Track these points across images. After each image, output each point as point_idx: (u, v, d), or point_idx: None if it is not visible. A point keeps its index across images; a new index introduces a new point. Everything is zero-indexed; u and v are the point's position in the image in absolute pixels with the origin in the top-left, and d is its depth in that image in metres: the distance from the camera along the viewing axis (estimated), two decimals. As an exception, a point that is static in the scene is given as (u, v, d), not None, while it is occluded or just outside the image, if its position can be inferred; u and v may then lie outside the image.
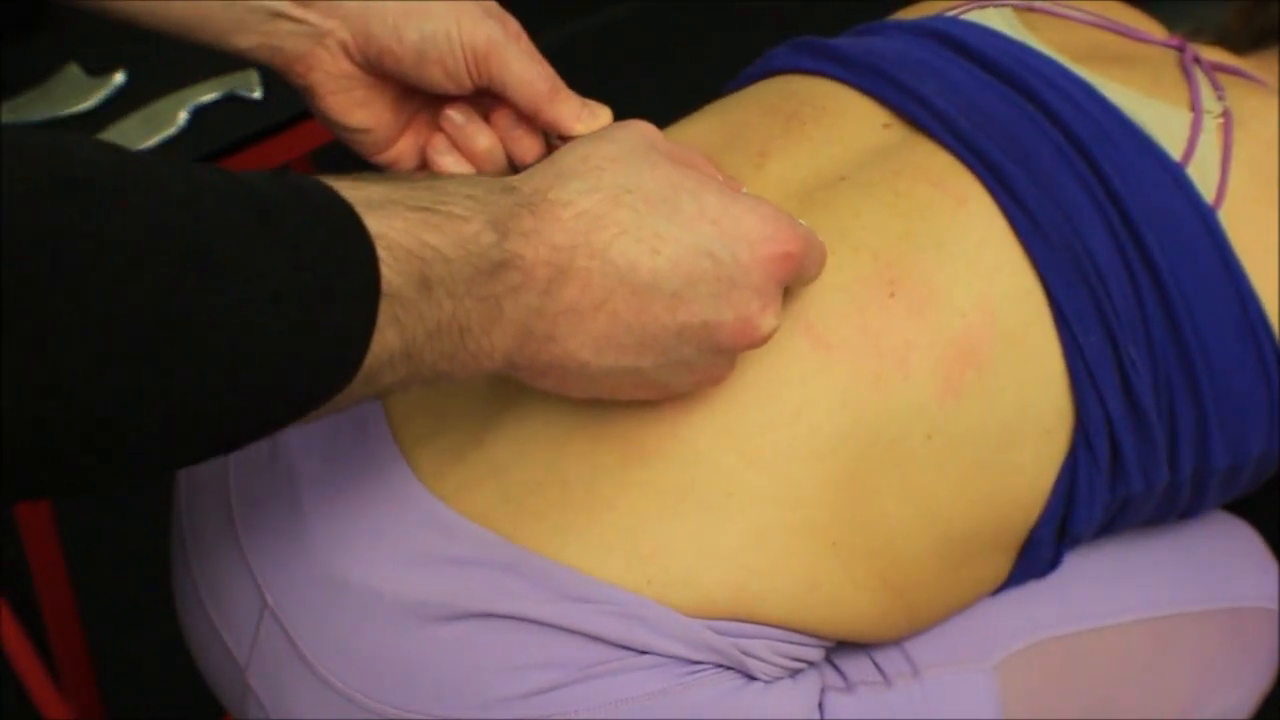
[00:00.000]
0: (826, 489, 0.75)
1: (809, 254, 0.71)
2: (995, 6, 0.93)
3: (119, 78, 1.22)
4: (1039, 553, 0.84)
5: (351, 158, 0.77)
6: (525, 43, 0.76)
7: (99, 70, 1.22)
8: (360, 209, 0.58)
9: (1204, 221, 0.83)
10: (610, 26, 2.19)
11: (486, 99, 0.76)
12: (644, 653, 0.73)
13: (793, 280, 0.71)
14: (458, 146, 0.77)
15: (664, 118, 0.92)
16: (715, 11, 2.13)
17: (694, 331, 0.68)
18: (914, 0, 1.01)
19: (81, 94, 1.22)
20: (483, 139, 0.76)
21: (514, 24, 0.76)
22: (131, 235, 0.50)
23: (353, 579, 0.76)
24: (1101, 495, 0.83)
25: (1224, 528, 0.97)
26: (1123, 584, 0.90)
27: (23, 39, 1.27)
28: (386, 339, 0.58)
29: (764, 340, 0.69)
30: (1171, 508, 0.89)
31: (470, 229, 0.61)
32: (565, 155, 0.68)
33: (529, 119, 0.75)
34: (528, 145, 0.76)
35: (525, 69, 0.74)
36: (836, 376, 0.76)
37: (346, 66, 0.75)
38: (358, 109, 0.76)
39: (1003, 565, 0.84)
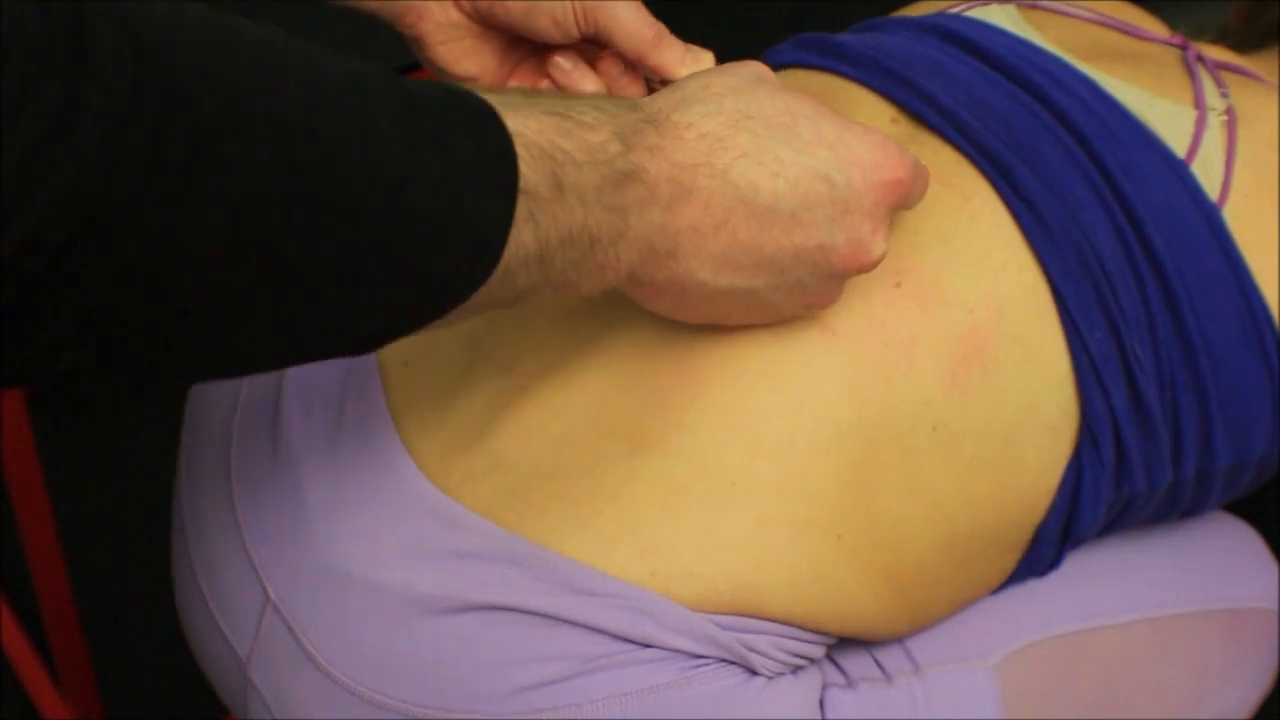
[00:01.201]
0: (831, 481, 0.75)
1: (916, 180, 0.73)
2: (999, 4, 0.93)
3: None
4: (1042, 552, 0.84)
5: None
6: None
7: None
8: (499, 108, 0.60)
9: (1208, 219, 0.83)
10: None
11: (592, 47, 0.78)
12: (647, 646, 0.73)
13: (900, 206, 0.73)
14: (564, 91, 0.78)
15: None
16: (716, 11, 2.12)
17: (810, 254, 0.69)
18: (917, -3, 1.01)
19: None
20: (589, 84, 0.78)
21: None
22: (301, 108, 0.52)
23: (355, 571, 0.76)
24: (1106, 494, 0.83)
25: (1224, 528, 0.97)
26: (1124, 583, 0.90)
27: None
28: (523, 236, 0.59)
29: (874, 264, 0.71)
30: (1174, 507, 0.89)
31: (598, 137, 0.63)
32: (686, 84, 0.70)
33: (634, 65, 0.77)
34: (633, 92, 0.78)
35: (630, 17, 0.76)
36: (841, 364, 0.76)
37: (455, 17, 0.78)
38: (465, 58, 0.79)
39: (1007, 564, 0.84)
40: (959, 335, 0.77)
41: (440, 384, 0.79)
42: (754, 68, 0.72)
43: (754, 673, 0.76)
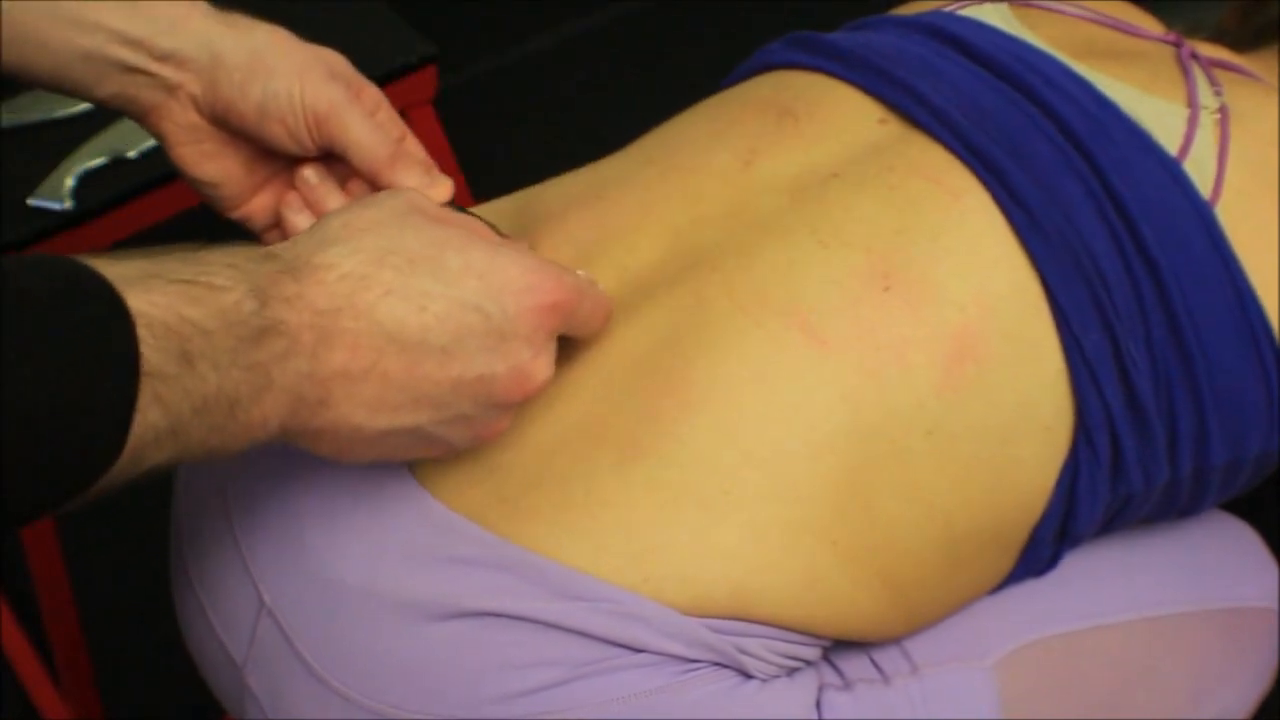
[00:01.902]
0: (825, 486, 0.75)
1: (579, 302, 0.72)
2: (992, 2, 0.93)
3: (118, 77, 1.22)
4: (1039, 552, 0.84)
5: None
6: (373, 104, 0.78)
7: (97, 71, 1.22)
8: (120, 287, 0.57)
9: (1201, 217, 0.83)
10: (610, 26, 2.19)
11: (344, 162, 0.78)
12: (640, 651, 0.73)
13: (565, 329, 0.72)
14: (310, 206, 0.78)
15: (664, 117, 0.92)
16: (715, 11, 2.13)
17: (469, 386, 0.68)
18: (910, -3, 1.01)
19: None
20: (334, 199, 0.78)
21: (366, 87, 0.78)
22: None
23: (350, 578, 0.76)
24: (1102, 494, 0.83)
25: (1224, 528, 0.97)
26: (1122, 583, 0.90)
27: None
28: (150, 418, 0.57)
29: (539, 390, 0.71)
30: (1171, 506, 0.89)
31: (230, 298, 0.61)
32: (327, 223, 0.68)
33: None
34: None
35: (364, 134, 0.75)
36: (834, 372, 0.76)
37: (195, 119, 0.77)
38: (207, 162, 0.79)
39: (1003, 564, 0.84)
40: (951, 333, 0.77)
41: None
42: (404, 198, 0.71)
43: (748, 676, 0.76)
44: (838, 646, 0.83)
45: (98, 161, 1.23)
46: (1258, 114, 0.89)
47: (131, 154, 1.23)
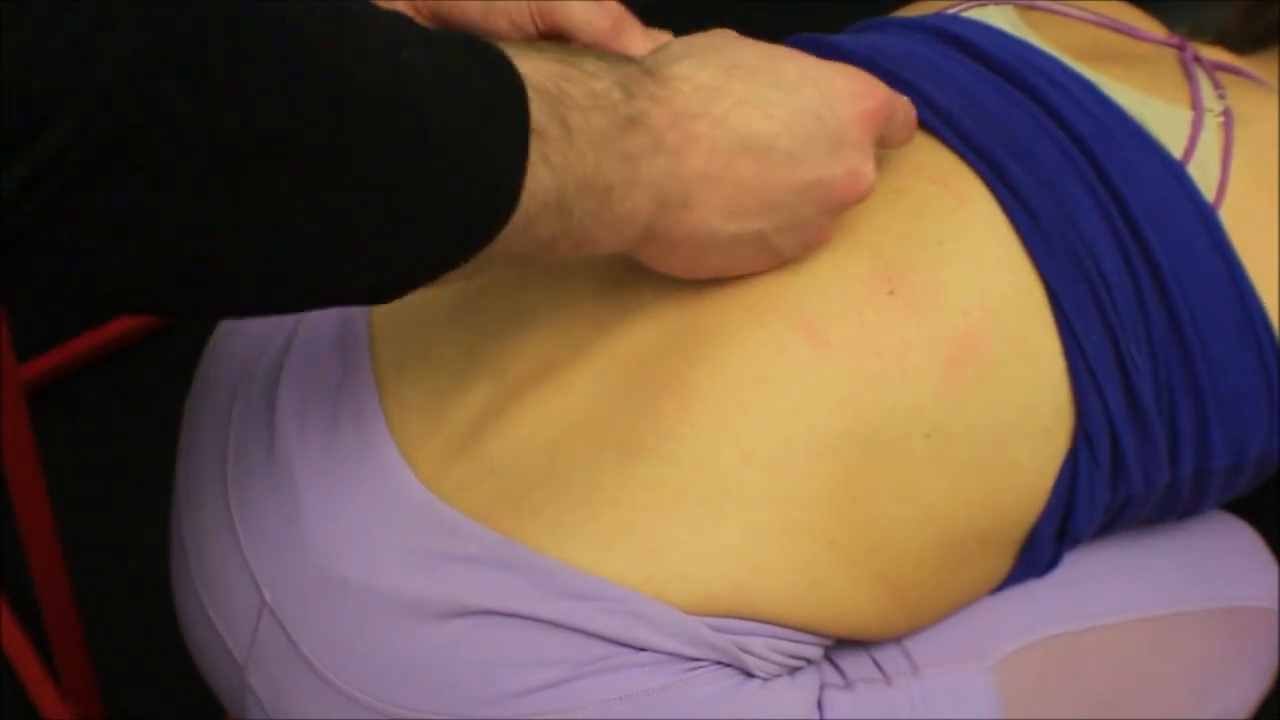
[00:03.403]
0: (825, 487, 0.75)
1: (895, 108, 0.75)
2: (996, 4, 0.93)
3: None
4: (1039, 552, 0.84)
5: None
6: None
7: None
8: (508, 51, 0.61)
9: (1204, 220, 0.83)
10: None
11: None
12: (642, 650, 0.73)
13: (883, 133, 0.75)
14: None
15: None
16: (716, 12, 2.12)
17: (811, 189, 0.72)
18: (915, -2, 1.02)
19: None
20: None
21: None
22: (330, 26, 0.54)
23: (351, 577, 0.76)
24: (1102, 495, 0.83)
25: (1224, 528, 0.97)
26: (1122, 583, 0.90)
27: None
28: (540, 176, 0.61)
29: (868, 192, 0.74)
30: (1172, 508, 0.89)
31: (600, 84, 0.65)
32: (670, 45, 0.72)
33: None
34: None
35: (584, 9, 0.76)
36: (836, 374, 0.76)
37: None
38: None
39: (1003, 564, 0.84)
40: (952, 336, 0.77)
41: (434, 389, 0.79)
42: (725, 30, 0.75)
43: (749, 675, 0.76)
44: (839, 646, 0.83)
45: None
46: (1260, 117, 0.89)
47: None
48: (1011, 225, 0.80)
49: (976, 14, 0.92)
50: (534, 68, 0.62)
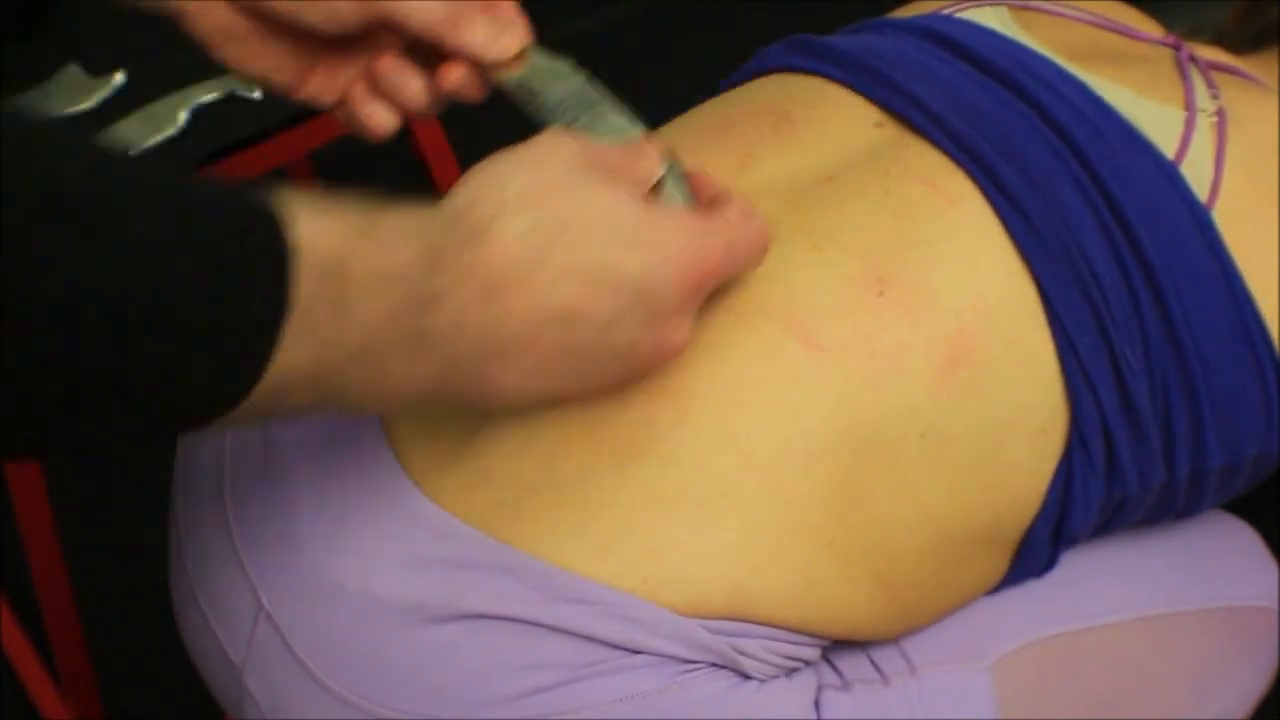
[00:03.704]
0: (822, 489, 0.75)
1: (733, 264, 0.71)
2: (990, 5, 0.93)
3: (119, 78, 1.22)
4: (1035, 553, 0.84)
5: (349, 159, 0.77)
6: None
7: (99, 70, 1.23)
8: (298, 213, 0.57)
9: (1197, 220, 0.83)
10: (610, 27, 2.19)
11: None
12: (639, 652, 0.73)
13: (715, 288, 0.71)
14: (385, 95, 0.75)
15: (664, 117, 0.92)
16: (714, 13, 2.13)
17: (620, 352, 0.68)
18: (909, -1, 1.01)
19: (81, 94, 1.22)
20: (413, 85, 0.75)
21: None
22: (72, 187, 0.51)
23: (347, 581, 0.76)
24: (1097, 495, 0.83)
25: (1223, 527, 0.97)
26: (1120, 583, 0.90)
27: (23, 39, 1.27)
28: (295, 352, 0.57)
29: (678, 353, 0.71)
30: (1168, 508, 0.89)
31: (400, 256, 0.60)
32: (510, 181, 0.66)
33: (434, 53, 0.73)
34: (458, 82, 0.74)
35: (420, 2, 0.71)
36: (830, 377, 0.76)
37: (230, 17, 0.73)
38: (252, 59, 0.75)
39: (999, 565, 0.84)
40: (946, 338, 0.77)
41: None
42: (573, 151, 0.68)
43: (746, 676, 0.76)
44: (836, 647, 0.83)
45: (98, 162, 1.23)
46: (1256, 117, 0.89)
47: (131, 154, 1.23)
48: (1004, 227, 0.80)
49: (969, 15, 0.92)
50: (317, 236, 0.57)
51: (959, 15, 0.92)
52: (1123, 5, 1.00)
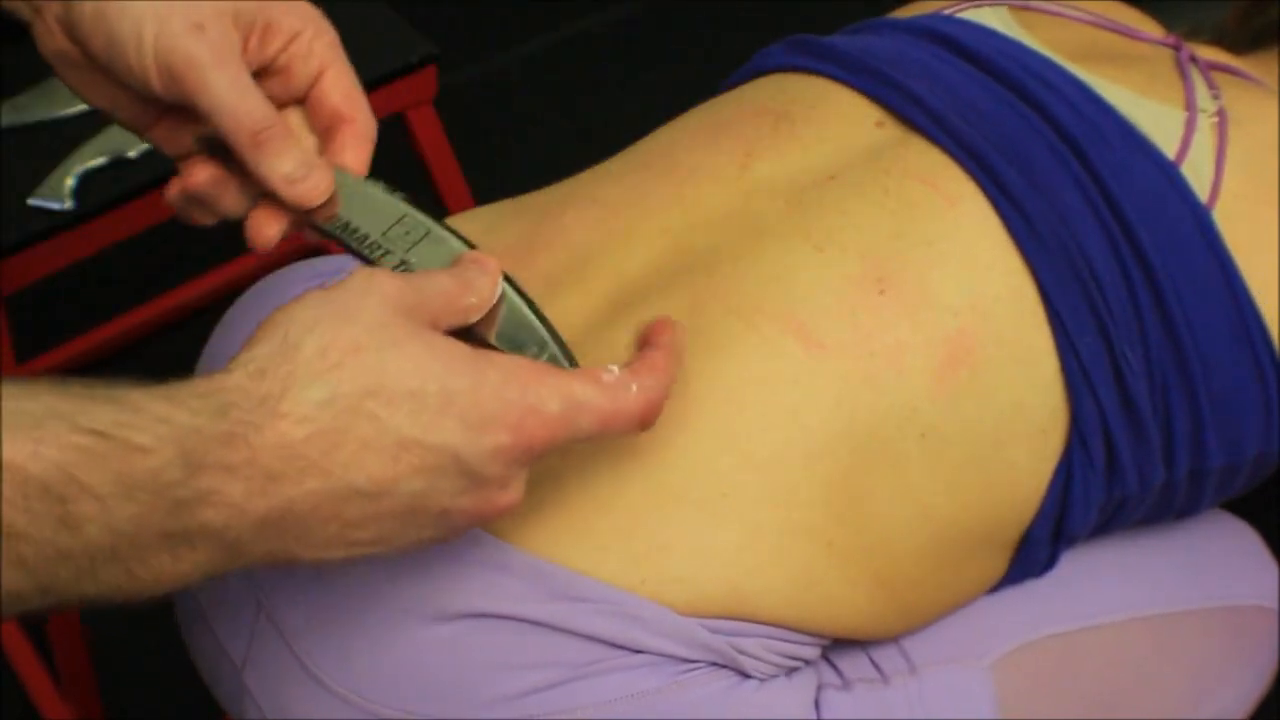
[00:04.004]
0: (822, 489, 0.75)
1: (572, 428, 0.63)
2: (990, 5, 0.93)
3: (118, 78, 1.22)
4: (1035, 552, 0.84)
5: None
6: (272, 54, 0.68)
7: (98, 70, 1.22)
8: (9, 428, 0.51)
9: (1197, 220, 0.83)
10: (610, 27, 2.19)
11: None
12: (639, 651, 0.73)
13: (551, 451, 0.64)
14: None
15: (664, 118, 0.92)
16: (714, 13, 2.13)
17: (431, 516, 0.63)
18: (910, -1, 1.02)
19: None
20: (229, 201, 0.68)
21: (230, 43, 0.65)
22: None
23: (346, 579, 0.76)
24: (1097, 495, 0.83)
25: (1223, 527, 0.97)
26: (1120, 582, 0.90)
27: (23, 39, 1.27)
28: (9, 577, 0.52)
29: (502, 516, 0.65)
30: (1168, 508, 0.89)
31: (149, 463, 0.54)
32: (303, 342, 0.59)
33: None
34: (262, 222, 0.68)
35: (226, 100, 0.64)
36: (830, 376, 0.76)
37: (67, 45, 0.68)
38: (92, 90, 0.69)
39: (999, 564, 0.84)
40: (945, 338, 0.77)
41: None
42: (382, 297, 0.61)
43: (746, 676, 0.76)
44: (837, 646, 0.83)
45: (98, 161, 1.23)
46: (1256, 117, 0.89)
47: (132, 154, 1.23)
48: (1004, 226, 0.80)
49: (971, 15, 0.92)
50: (36, 452, 0.51)
51: (959, 15, 0.92)
52: (1123, 5, 1.00)
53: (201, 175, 0.68)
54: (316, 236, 0.70)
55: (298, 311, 0.60)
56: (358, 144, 0.69)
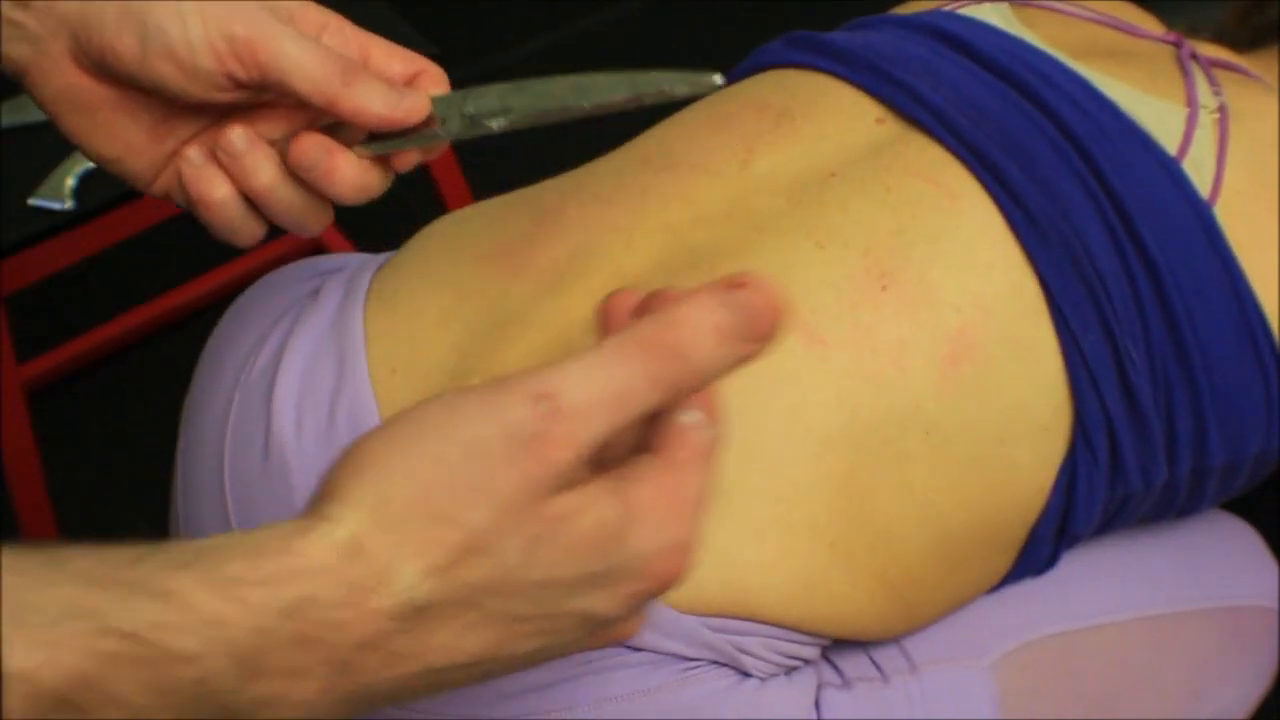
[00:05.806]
0: (825, 487, 0.75)
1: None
2: (992, 2, 0.93)
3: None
4: (1038, 551, 0.84)
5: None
6: (316, 26, 0.64)
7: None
8: (18, 627, 0.42)
9: (1199, 216, 0.83)
10: (610, 27, 2.19)
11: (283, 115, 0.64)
12: (639, 650, 0.73)
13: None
14: (235, 182, 0.64)
15: (662, 116, 0.92)
16: (714, 12, 2.13)
17: (535, 660, 0.54)
18: (911, -5, 1.01)
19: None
20: (264, 173, 0.63)
21: (303, 10, 0.63)
22: None
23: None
24: (1100, 493, 0.83)
25: (1223, 527, 0.97)
26: (1121, 582, 0.90)
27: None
28: None
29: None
30: (1170, 506, 0.89)
31: (193, 673, 0.44)
32: (393, 485, 0.47)
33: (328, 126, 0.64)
34: (335, 172, 0.63)
35: (304, 52, 0.61)
36: (832, 373, 0.76)
37: (75, 79, 0.63)
38: (100, 133, 0.64)
39: (1002, 564, 0.84)
40: (948, 335, 0.77)
41: (428, 391, 0.79)
42: (522, 474, 0.49)
43: (746, 675, 0.76)
44: (837, 645, 0.83)
45: (98, 161, 1.23)
46: (1257, 114, 0.89)
47: (132, 154, 1.23)
48: (1006, 223, 0.80)
49: (972, 11, 0.92)
50: (53, 656, 0.42)
51: (961, 12, 0.92)
52: (1123, 3, 1.00)
53: (308, 141, 0.63)
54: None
55: (399, 460, 0.48)
56: (440, 86, 0.65)
